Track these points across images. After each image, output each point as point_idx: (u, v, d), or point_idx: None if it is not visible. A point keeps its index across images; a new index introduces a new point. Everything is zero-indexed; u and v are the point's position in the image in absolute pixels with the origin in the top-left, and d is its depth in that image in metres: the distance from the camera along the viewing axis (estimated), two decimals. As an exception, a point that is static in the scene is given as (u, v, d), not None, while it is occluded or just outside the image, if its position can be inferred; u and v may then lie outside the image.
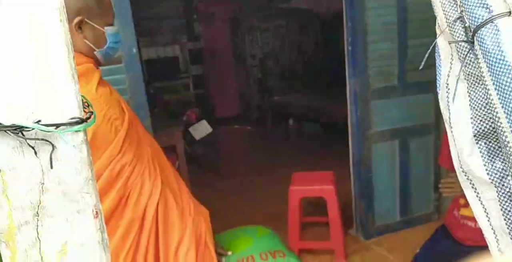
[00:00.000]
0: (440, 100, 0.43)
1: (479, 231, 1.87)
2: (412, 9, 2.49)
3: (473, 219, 1.81)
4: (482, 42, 0.38)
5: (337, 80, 5.43)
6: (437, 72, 0.44)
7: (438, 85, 0.44)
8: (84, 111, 0.63)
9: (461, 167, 0.46)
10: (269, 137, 5.59)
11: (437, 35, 0.41)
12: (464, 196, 1.70)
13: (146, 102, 1.77)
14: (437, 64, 0.43)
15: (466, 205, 1.85)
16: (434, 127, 2.67)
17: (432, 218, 2.74)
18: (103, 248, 0.65)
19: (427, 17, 2.50)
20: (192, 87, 5.03)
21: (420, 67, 0.42)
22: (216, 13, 6.27)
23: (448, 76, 0.43)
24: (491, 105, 0.37)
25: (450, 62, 0.43)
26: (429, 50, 0.43)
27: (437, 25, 0.41)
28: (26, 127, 0.55)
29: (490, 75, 0.37)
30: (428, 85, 2.61)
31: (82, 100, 0.64)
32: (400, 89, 2.56)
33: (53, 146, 0.58)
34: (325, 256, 2.37)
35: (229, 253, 1.39)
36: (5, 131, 0.55)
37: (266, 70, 6.81)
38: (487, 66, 0.37)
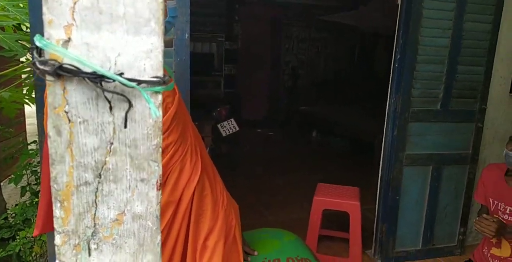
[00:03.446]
0: None
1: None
2: (468, 36, 2.41)
3: (503, 260, 1.74)
4: None
5: (368, 98, 5.38)
6: None
7: None
8: (164, 74, 0.58)
9: None
10: (291, 144, 5.53)
11: None
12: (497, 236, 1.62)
13: (189, 88, 1.74)
14: None
15: (498, 245, 1.77)
16: (471, 159, 2.56)
17: (454, 252, 2.61)
18: (158, 225, 0.59)
19: (481, 45, 2.46)
20: (223, 85, 5.03)
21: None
22: (256, 16, 6.28)
23: None
24: None
25: None
26: None
27: None
28: (107, 78, 0.50)
29: None
30: (471, 115, 2.52)
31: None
32: (441, 114, 2.46)
33: (131, 104, 0.53)
34: (339, 273, 2.27)
35: (256, 253, 1.32)
36: (83, 78, 0.50)
37: (297, 79, 6.77)
38: None
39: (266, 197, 3.45)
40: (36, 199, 2.13)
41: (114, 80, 0.50)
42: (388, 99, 2.46)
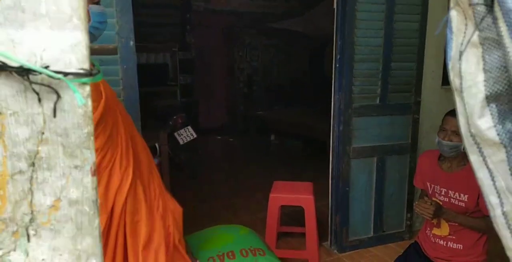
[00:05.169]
0: (450, 70, 0.46)
1: (448, 250, 1.93)
2: (399, 35, 2.61)
3: (443, 238, 1.88)
4: (503, 2, 0.41)
5: (319, 98, 5.59)
6: (447, 47, 0.46)
7: (449, 57, 0.46)
8: (91, 67, 0.62)
9: (469, 131, 0.47)
10: (251, 149, 5.64)
11: (450, 7, 0.44)
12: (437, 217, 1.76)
13: (138, 96, 1.75)
14: (448, 38, 0.46)
15: (438, 225, 1.91)
16: (411, 148, 2.75)
17: (404, 237, 2.78)
18: (96, 210, 0.62)
19: (411, 43, 2.67)
20: (180, 95, 5.03)
21: (436, 32, 0.44)
22: (208, 25, 6.36)
23: (461, 44, 0.46)
24: (509, 66, 0.40)
25: (464, 32, 0.45)
26: (442, 23, 0.45)
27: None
28: (34, 71, 0.54)
29: (510, 34, 0.40)
30: (408, 108, 2.71)
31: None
32: (380, 108, 2.63)
33: (58, 95, 0.57)
34: (298, 266, 2.35)
35: (197, 261, 1.34)
36: (10, 72, 0.53)
37: (252, 85, 6.90)
38: (506, 25, 0.40)
39: (229, 201, 3.49)
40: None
41: (41, 73, 0.54)
42: (332, 97, 2.61)
